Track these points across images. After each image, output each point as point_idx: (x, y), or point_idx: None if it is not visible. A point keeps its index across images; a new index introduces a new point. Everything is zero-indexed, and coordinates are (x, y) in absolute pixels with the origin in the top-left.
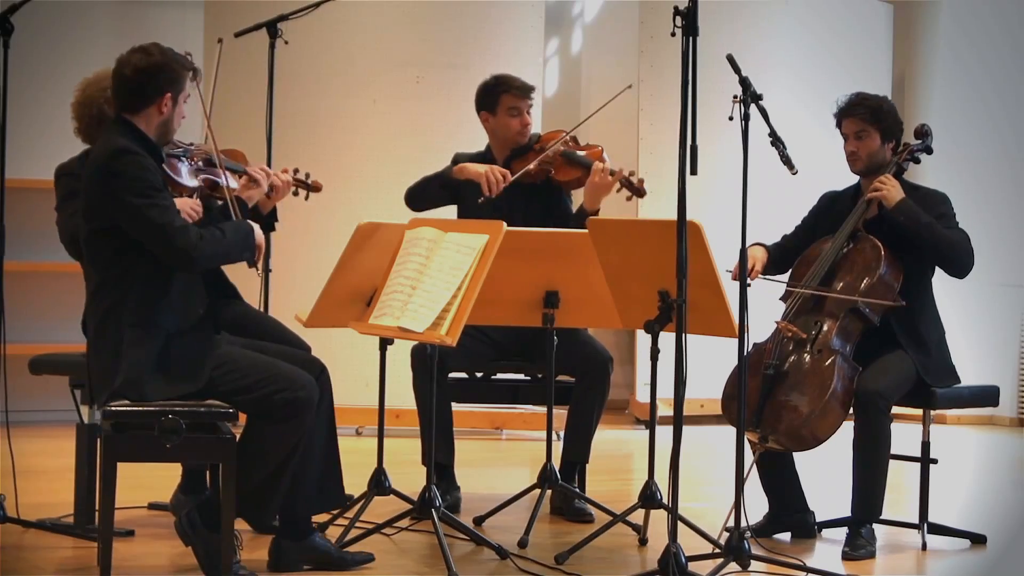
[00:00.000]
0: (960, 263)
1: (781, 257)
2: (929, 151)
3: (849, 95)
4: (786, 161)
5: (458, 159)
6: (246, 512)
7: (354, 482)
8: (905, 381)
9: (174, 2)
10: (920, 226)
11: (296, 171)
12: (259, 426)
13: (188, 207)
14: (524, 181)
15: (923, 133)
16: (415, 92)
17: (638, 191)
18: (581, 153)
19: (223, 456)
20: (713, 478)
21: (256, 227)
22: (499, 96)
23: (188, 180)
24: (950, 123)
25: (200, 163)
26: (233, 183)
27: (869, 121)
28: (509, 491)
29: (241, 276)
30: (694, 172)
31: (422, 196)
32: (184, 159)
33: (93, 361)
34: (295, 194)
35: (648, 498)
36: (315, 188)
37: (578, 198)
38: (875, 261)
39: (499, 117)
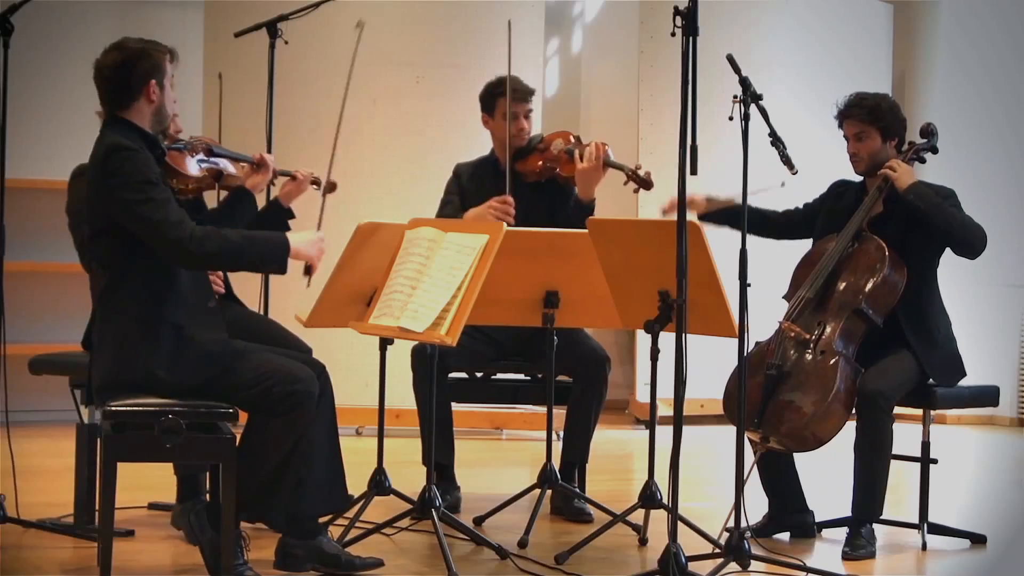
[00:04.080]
0: (973, 243)
1: (763, 221)
2: (935, 150)
3: (849, 96)
4: (786, 161)
5: (459, 171)
6: (252, 511)
7: (354, 482)
8: (907, 381)
9: (174, 2)
10: (932, 207)
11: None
12: (260, 422)
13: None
14: (529, 179)
15: (929, 132)
16: (415, 92)
17: (645, 183)
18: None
19: (223, 456)
20: (713, 478)
21: (302, 238)
22: (496, 99)
23: (193, 170)
24: (950, 123)
25: (201, 153)
26: (233, 170)
27: (868, 121)
28: (509, 491)
29: (241, 276)
30: (694, 172)
31: None
32: (185, 151)
33: (98, 359)
34: (317, 188)
35: (648, 498)
36: (331, 188)
37: None
38: (879, 262)
39: (496, 120)
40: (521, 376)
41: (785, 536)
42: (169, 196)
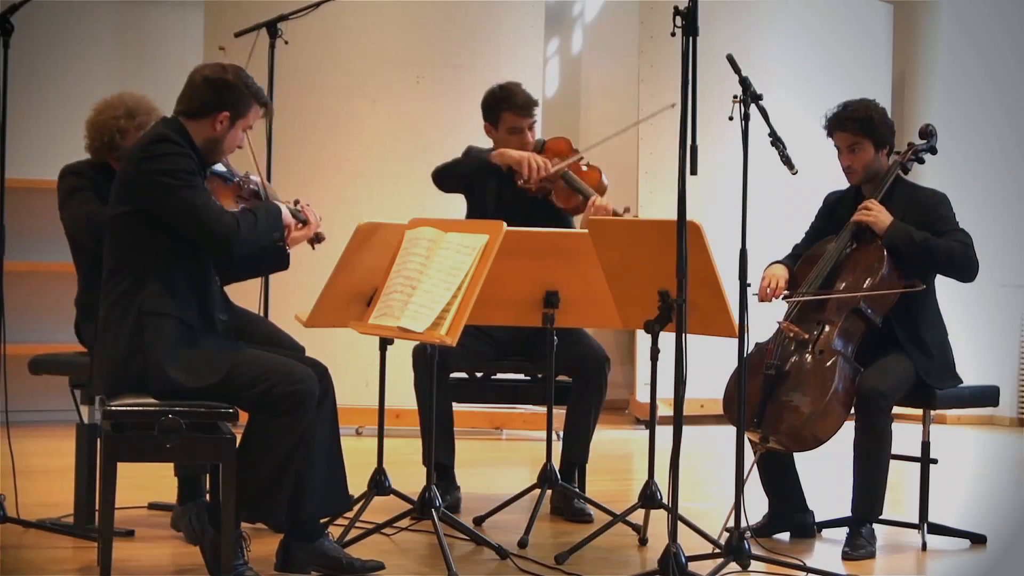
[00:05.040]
0: (963, 270)
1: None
2: (934, 151)
3: (837, 107)
4: (786, 161)
5: (471, 150)
6: (253, 511)
7: (354, 482)
8: (906, 381)
9: (174, 2)
10: (915, 247)
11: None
12: (261, 422)
13: None
14: (526, 192)
15: (928, 133)
16: (415, 92)
17: None
18: (580, 179)
19: (223, 456)
20: (713, 478)
21: (284, 207)
22: (500, 113)
23: (226, 204)
24: (950, 123)
25: (246, 192)
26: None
27: (861, 133)
28: (509, 491)
29: None
30: (694, 172)
31: (454, 174)
32: (230, 182)
33: (105, 350)
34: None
35: (648, 498)
36: (319, 239)
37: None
38: (877, 262)
39: (500, 133)
40: (521, 376)
41: (785, 536)
42: (208, 191)
